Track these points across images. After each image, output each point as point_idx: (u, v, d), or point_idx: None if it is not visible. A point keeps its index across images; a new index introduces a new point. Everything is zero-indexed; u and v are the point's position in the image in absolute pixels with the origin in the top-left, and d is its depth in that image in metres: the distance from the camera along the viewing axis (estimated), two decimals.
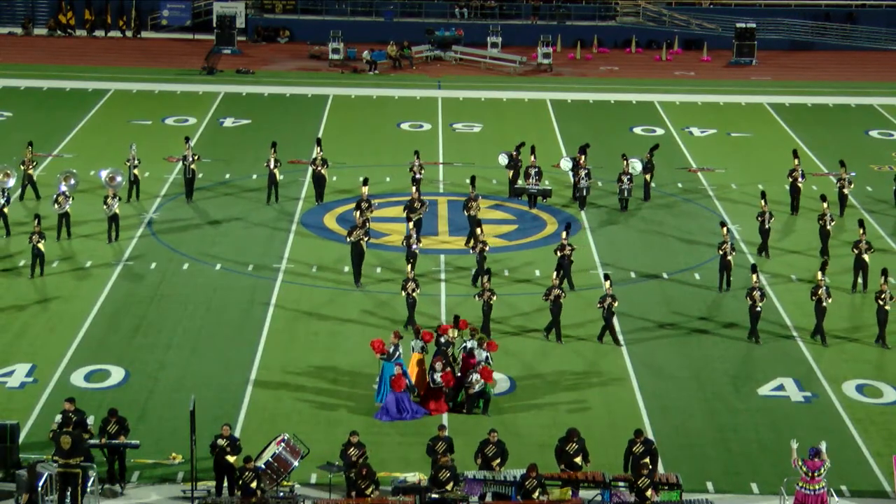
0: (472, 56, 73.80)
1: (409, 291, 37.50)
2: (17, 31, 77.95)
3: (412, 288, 37.47)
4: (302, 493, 29.01)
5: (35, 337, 37.28)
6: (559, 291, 37.21)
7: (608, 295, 36.83)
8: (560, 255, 40.30)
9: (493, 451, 29.26)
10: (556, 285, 37.27)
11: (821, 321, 37.53)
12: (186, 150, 48.30)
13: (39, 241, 40.83)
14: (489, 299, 37.06)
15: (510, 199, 49.09)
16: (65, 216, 44.02)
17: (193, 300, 39.85)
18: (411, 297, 37.50)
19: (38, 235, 40.87)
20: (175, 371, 35.17)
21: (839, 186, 47.30)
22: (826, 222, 43.12)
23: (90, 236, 44.53)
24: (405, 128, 59.77)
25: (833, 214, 44.02)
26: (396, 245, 43.86)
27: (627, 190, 48.02)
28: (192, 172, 48.38)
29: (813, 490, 28.08)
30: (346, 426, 32.00)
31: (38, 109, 61.20)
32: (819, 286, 37.32)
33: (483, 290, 37.27)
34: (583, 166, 48.63)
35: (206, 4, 77.88)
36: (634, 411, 33.48)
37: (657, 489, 27.75)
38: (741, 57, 73.87)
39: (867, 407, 34.07)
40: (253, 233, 45.54)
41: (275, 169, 48.09)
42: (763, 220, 43.33)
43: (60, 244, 43.77)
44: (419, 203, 43.95)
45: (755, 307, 37.28)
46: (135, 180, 48.05)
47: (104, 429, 29.69)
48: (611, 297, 36.79)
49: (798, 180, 47.06)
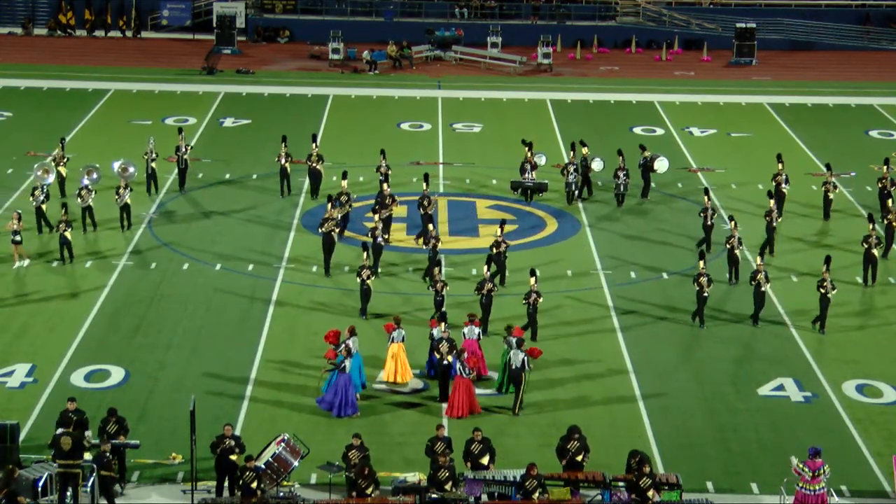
0: (472, 56, 73.78)
1: (363, 278, 38.09)
2: (17, 31, 77.93)
3: (367, 275, 38.08)
4: (302, 493, 29.02)
5: (35, 337, 37.28)
6: (491, 286, 37.38)
7: (533, 291, 37.01)
8: (496, 251, 40.37)
9: (479, 449, 29.32)
10: (487, 279, 37.48)
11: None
12: (180, 140, 49.22)
13: (66, 229, 42.00)
14: (441, 290, 37.64)
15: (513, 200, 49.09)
16: (87, 209, 44.82)
17: (193, 300, 39.85)
18: (365, 283, 38.09)
19: (64, 224, 42.05)
20: (175, 371, 35.17)
21: (825, 191, 47.11)
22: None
23: (89, 237, 44.56)
24: (405, 128, 59.77)
25: (781, 211, 44.66)
26: (393, 245, 43.91)
27: (623, 185, 48.26)
28: (185, 163, 49.22)
29: (813, 490, 28.07)
30: (346, 426, 32.04)
31: (38, 109, 61.18)
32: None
33: (435, 281, 37.74)
34: (572, 161, 48.87)
35: (206, 4, 77.85)
36: (634, 411, 33.49)
37: (659, 489, 27.75)
38: (741, 57, 73.85)
39: (867, 407, 34.06)
40: (253, 232, 45.54)
41: (286, 163, 48.38)
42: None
43: (86, 237, 44.30)
44: (390, 199, 44.10)
45: (702, 293, 38.05)
46: (152, 173, 48.74)
47: (104, 429, 29.70)
48: (535, 293, 36.99)
49: (782, 185, 46.85)
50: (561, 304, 39.82)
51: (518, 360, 33.26)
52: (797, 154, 55.78)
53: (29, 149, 54.13)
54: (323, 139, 54.04)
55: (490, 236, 43.89)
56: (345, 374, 32.89)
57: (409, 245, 44.36)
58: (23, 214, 43.21)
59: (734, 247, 41.12)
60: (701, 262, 38.71)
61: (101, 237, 44.52)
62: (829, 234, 45.97)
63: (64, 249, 42.12)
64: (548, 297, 38.86)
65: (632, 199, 48.76)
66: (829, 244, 44.78)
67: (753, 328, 38.39)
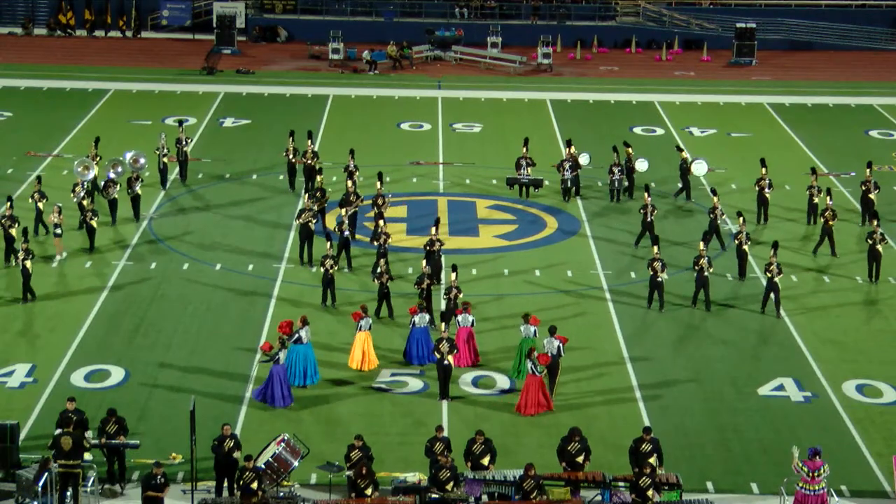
0: (472, 56, 73.78)
1: (327, 267, 38.82)
2: (17, 31, 77.92)
3: (330, 265, 38.82)
4: (302, 493, 29.02)
5: (35, 337, 37.29)
6: (430, 281, 37.78)
7: (454, 287, 37.30)
8: (429, 249, 40.53)
9: (480, 450, 29.33)
10: (426, 274, 37.83)
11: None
12: (180, 133, 50.03)
13: (93, 218, 43.20)
14: (386, 281, 38.21)
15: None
16: (114, 202, 45.64)
17: (193, 300, 39.86)
18: (329, 273, 38.77)
19: (91, 213, 43.22)
20: (175, 371, 35.17)
21: (809, 195, 46.89)
22: (717, 215, 43.95)
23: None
24: (405, 128, 59.77)
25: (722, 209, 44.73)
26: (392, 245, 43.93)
27: (618, 181, 48.58)
28: (184, 155, 49.91)
29: (813, 490, 28.07)
30: (346, 426, 32.06)
31: (38, 109, 61.18)
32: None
33: (380, 273, 38.26)
34: (567, 157, 48.99)
35: (206, 4, 77.86)
36: (634, 411, 33.49)
37: (659, 489, 27.75)
38: (741, 57, 73.86)
39: (867, 407, 34.07)
40: (253, 232, 45.54)
41: (294, 159, 48.53)
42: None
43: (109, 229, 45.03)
44: (354, 196, 44.33)
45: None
46: (164, 168, 49.30)
47: (103, 429, 29.71)
48: (456, 288, 37.27)
49: (765, 190, 46.73)
50: (561, 303, 39.82)
51: (553, 347, 33.93)
52: (797, 154, 55.80)
53: (29, 149, 54.15)
54: (323, 139, 54.05)
55: (490, 236, 43.97)
56: (278, 366, 33.26)
57: (408, 245, 44.36)
58: (63, 209, 43.38)
59: (742, 242, 41.41)
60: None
61: (119, 230, 44.95)
62: (811, 239, 45.47)
63: (89, 238, 43.29)
64: (548, 296, 38.85)
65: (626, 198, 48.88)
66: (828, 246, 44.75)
67: (751, 332, 38.39)
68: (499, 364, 35.80)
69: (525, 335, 35.00)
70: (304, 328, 34.37)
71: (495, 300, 40.11)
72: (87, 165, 46.89)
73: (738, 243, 41.56)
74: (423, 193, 49.95)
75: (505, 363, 35.72)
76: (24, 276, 39.14)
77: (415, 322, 35.68)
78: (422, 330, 35.77)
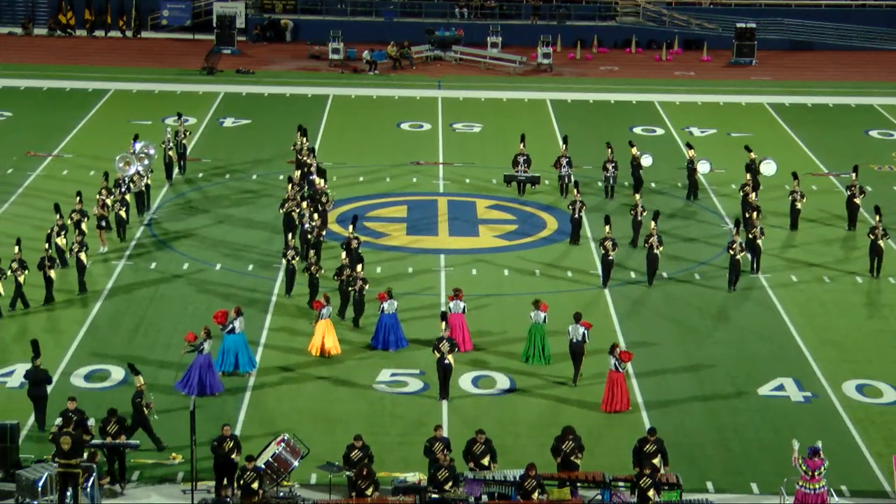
0: (472, 56, 73.78)
1: (289, 258, 39.78)
2: (17, 31, 77.92)
3: (291, 255, 39.68)
4: (302, 493, 29.02)
5: (35, 337, 37.21)
6: (349, 271, 38.07)
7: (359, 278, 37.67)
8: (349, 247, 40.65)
9: (481, 450, 29.32)
10: (346, 265, 38.25)
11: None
12: (179, 125, 50.74)
13: (121, 209, 43.98)
14: (316, 273, 38.94)
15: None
16: (139, 195, 46.27)
17: (193, 300, 39.85)
18: (290, 264, 39.56)
19: (119, 203, 43.97)
20: (175, 371, 35.13)
21: (791, 199, 46.51)
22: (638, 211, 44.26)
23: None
24: (405, 128, 59.76)
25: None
26: (392, 245, 43.94)
27: (612, 177, 48.72)
28: (183, 147, 50.58)
29: (813, 489, 28.07)
30: (346, 426, 32.05)
31: (38, 109, 61.18)
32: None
33: (310, 264, 38.96)
34: (564, 154, 49.02)
35: (206, 4, 77.86)
36: (634, 411, 33.48)
37: (659, 490, 27.75)
38: (741, 57, 73.86)
39: (867, 407, 34.07)
40: (253, 233, 45.54)
41: (300, 156, 48.74)
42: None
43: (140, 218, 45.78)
44: (322, 195, 44.58)
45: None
46: (170, 162, 49.79)
47: (104, 429, 29.73)
48: (361, 280, 37.67)
49: (749, 195, 46.59)
50: (562, 303, 39.81)
51: (578, 333, 34.47)
52: (797, 154, 55.79)
53: (29, 149, 54.16)
54: (323, 139, 54.04)
55: (490, 236, 43.94)
56: (202, 356, 33.68)
57: (409, 245, 44.36)
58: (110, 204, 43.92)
59: (756, 237, 41.72)
60: (606, 228, 40.86)
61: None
62: (794, 245, 45.38)
63: (119, 229, 44.10)
64: (549, 297, 38.85)
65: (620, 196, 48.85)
66: (829, 246, 44.68)
67: (751, 330, 38.39)
68: (500, 365, 35.80)
69: (535, 321, 35.64)
70: (238, 318, 34.95)
71: (495, 300, 40.13)
72: (127, 161, 47.08)
73: (752, 237, 41.80)
74: (423, 193, 49.96)
75: (505, 363, 35.72)
76: (79, 268, 39.97)
77: (384, 308, 36.35)
78: (390, 316, 36.44)
